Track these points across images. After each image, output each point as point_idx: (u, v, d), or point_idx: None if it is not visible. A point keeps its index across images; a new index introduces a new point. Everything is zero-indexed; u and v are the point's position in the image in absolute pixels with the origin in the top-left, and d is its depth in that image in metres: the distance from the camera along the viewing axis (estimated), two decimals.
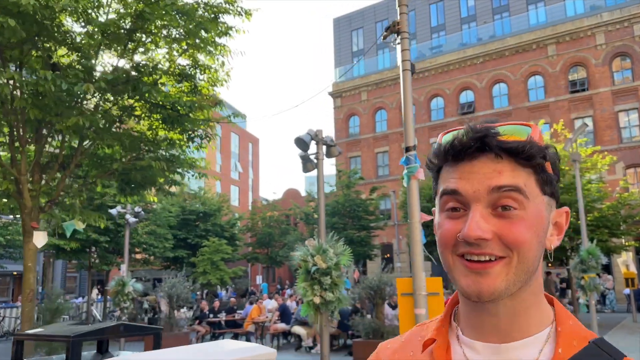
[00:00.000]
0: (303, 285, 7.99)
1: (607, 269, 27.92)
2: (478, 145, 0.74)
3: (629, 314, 19.34)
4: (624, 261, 17.75)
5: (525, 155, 0.74)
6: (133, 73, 9.08)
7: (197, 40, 8.81)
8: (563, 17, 34.24)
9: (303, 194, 29.98)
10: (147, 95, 8.59)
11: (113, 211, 14.85)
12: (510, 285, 0.73)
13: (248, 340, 15.81)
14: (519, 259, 0.73)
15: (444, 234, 0.77)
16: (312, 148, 8.74)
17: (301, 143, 8.19)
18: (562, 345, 0.75)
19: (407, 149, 5.09)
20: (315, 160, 8.56)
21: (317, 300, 7.88)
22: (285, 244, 28.57)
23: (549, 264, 24.32)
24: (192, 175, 11.99)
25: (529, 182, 0.75)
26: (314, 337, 13.30)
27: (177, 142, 10.31)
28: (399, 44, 6.83)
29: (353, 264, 28.99)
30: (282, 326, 14.93)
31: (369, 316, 12.18)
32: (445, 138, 0.81)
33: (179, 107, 9.15)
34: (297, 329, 13.80)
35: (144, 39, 9.00)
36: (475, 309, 0.78)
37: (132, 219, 14.69)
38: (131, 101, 9.37)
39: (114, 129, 9.60)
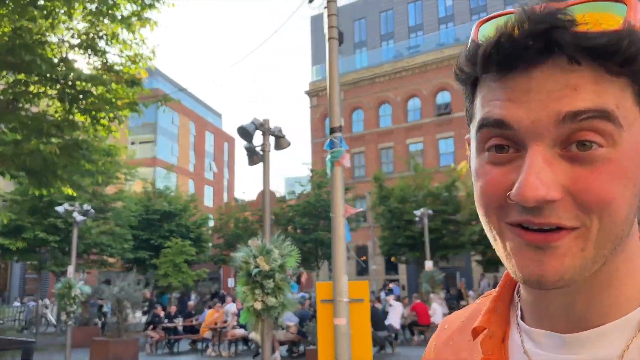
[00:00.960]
0: (243, 290, 7.19)
1: None
2: (541, 45, 0.45)
3: None
4: None
5: (622, 57, 0.44)
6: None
7: (104, 7, 7.67)
8: None
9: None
10: (31, 65, 7.34)
11: (60, 209, 13.86)
12: (589, 264, 0.47)
13: (206, 346, 14.95)
14: (602, 226, 0.46)
15: (485, 188, 0.50)
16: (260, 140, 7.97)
17: (244, 133, 7.39)
18: None
19: (332, 130, 4.33)
20: (261, 153, 7.77)
21: (258, 305, 7.08)
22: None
23: None
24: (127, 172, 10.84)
25: (623, 99, 0.46)
26: (273, 343, 12.52)
27: (81, 125, 9.18)
28: (325, 7, 6.06)
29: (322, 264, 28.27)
30: (240, 332, 14.11)
31: None
32: (484, 31, 0.50)
33: (77, 83, 8.14)
34: (255, 335, 12.96)
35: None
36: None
37: (79, 217, 13.70)
38: (21, 76, 8.31)
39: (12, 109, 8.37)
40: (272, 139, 8.04)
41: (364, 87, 39.47)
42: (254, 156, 7.75)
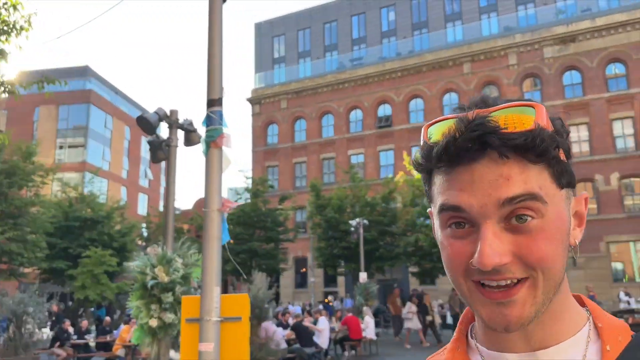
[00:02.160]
0: (136, 304, 6.25)
1: None
2: (477, 147, 0.61)
3: None
4: None
5: (537, 151, 0.61)
6: None
7: None
8: (479, 36, 35.00)
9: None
10: None
11: None
12: (540, 307, 0.63)
13: None
14: (544, 277, 0.62)
15: (452, 258, 0.65)
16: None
17: (145, 124, 6.50)
18: (608, 342, 0.67)
19: (210, 103, 3.58)
20: (167, 148, 6.90)
21: (153, 323, 6.19)
22: None
23: None
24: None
25: (543, 181, 0.63)
26: None
27: None
28: None
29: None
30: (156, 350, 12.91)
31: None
32: (432, 132, 0.67)
33: None
34: (172, 354, 11.87)
35: None
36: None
37: None
38: None
39: None
40: (181, 134, 7.21)
41: (307, 97, 39.05)
42: (158, 152, 6.87)
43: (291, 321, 14.28)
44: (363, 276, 17.79)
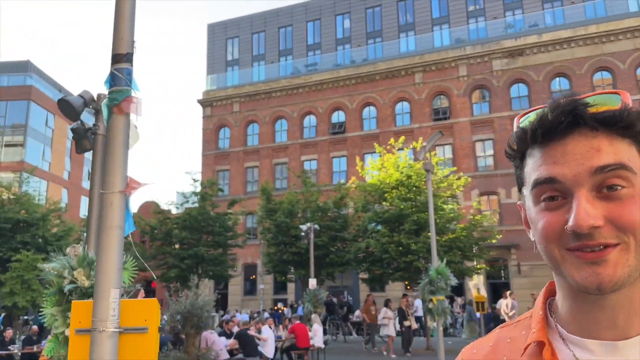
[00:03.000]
0: (51, 312, 5.52)
1: (459, 292, 28.58)
2: (570, 119, 0.68)
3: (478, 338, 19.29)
4: (475, 284, 17.53)
5: (624, 123, 0.68)
6: None
7: None
8: (430, 47, 35.59)
9: (174, 210, 26.76)
10: None
11: None
12: (633, 270, 0.67)
13: None
14: (637, 242, 0.66)
15: (545, 227, 0.70)
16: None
17: (68, 108, 5.82)
18: None
19: (116, 59, 3.04)
20: (93, 136, 6.23)
21: (69, 333, 5.46)
22: (124, 261, 25.07)
23: (407, 287, 24.08)
24: None
25: (631, 154, 0.69)
26: None
27: None
28: None
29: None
30: None
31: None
32: (525, 120, 0.75)
33: None
34: None
35: None
36: (587, 303, 0.71)
37: None
38: None
39: None
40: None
41: (261, 100, 38.48)
42: (82, 140, 6.19)
43: (236, 330, 13.64)
44: (312, 282, 17.38)
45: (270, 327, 14.99)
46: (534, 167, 0.72)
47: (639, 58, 29.02)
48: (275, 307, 32.44)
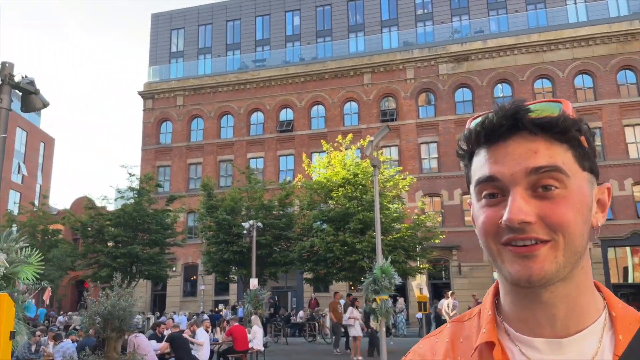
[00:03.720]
0: None
1: (402, 292, 28.69)
2: (510, 123, 0.73)
3: (420, 339, 19.26)
4: (418, 284, 17.43)
5: (560, 128, 0.73)
6: None
7: None
8: (379, 48, 35.70)
9: (108, 206, 25.07)
10: None
11: None
12: (561, 267, 0.71)
13: None
14: (565, 240, 0.71)
15: (485, 222, 0.75)
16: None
17: None
18: (621, 331, 0.74)
19: None
20: None
21: None
22: (50, 259, 23.39)
23: (352, 287, 23.86)
24: None
25: (566, 158, 0.73)
26: None
27: None
28: None
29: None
30: None
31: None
32: (474, 123, 0.79)
33: None
34: None
35: None
36: (526, 299, 0.75)
37: None
38: None
39: None
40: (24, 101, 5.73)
41: (206, 94, 37.28)
42: None
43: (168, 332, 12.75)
44: (254, 282, 16.69)
45: (207, 330, 14.22)
46: (478, 166, 0.76)
47: (577, 67, 30.27)
48: (217, 309, 31.41)
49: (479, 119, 0.77)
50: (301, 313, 23.75)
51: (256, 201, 21.39)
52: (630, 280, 28.19)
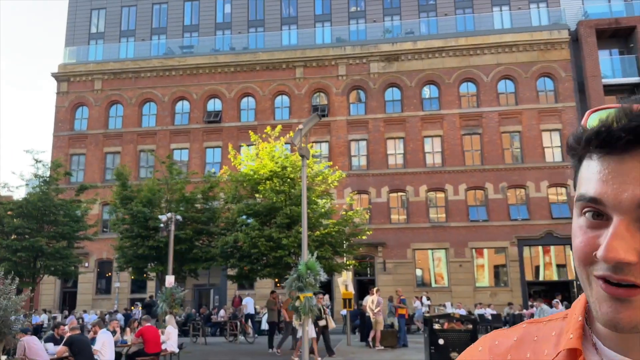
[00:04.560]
0: None
1: (328, 289, 28.43)
2: (631, 138, 0.59)
3: (344, 336, 18.99)
4: (343, 281, 17.08)
5: None
6: None
7: None
8: (312, 43, 35.24)
9: (17, 195, 22.42)
10: None
11: None
12: None
13: None
14: None
15: (580, 247, 0.65)
16: None
17: None
18: None
19: None
20: None
21: None
22: None
23: (278, 284, 23.16)
24: None
25: None
26: None
27: None
28: None
29: None
30: None
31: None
32: (592, 119, 0.66)
33: None
34: None
35: None
36: None
37: None
38: None
39: None
40: None
41: (127, 80, 35.01)
42: None
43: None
44: (170, 279, 15.53)
45: (115, 330, 12.99)
46: (586, 176, 0.65)
47: (500, 72, 31.44)
48: (132, 307, 29.56)
49: (602, 116, 0.62)
50: (222, 312, 22.72)
51: (177, 193, 20.06)
52: (541, 278, 29.70)
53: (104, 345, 9.84)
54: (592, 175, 0.63)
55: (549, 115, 30.46)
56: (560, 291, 27.34)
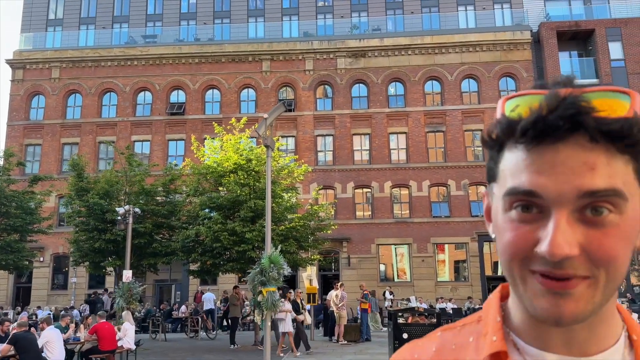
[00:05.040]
0: None
1: (292, 284, 28.29)
2: (569, 126, 0.57)
3: (307, 331, 18.87)
4: (308, 275, 16.98)
5: (631, 140, 0.58)
6: None
7: None
8: (279, 36, 34.89)
9: None
10: None
11: None
12: (597, 307, 0.60)
13: None
14: (608, 277, 0.59)
15: (513, 241, 0.61)
16: None
17: None
18: None
19: None
20: None
21: None
22: None
23: (242, 280, 22.85)
24: None
25: (627, 176, 0.59)
26: None
27: None
28: None
29: None
30: None
31: None
32: (512, 105, 0.62)
33: None
34: None
35: None
36: (545, 323, 0.64)
37: None
38: None
39: None
40: None
41: (87, 69, 33.80)
42: None
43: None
44: (127, 274, 15.03)
45: (67, 326, 12.49)
46: (512, 168, 0.61)
47: (464, 71, 31.90)
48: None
49: (521, 104, 0.59)
50: (183, 308, 22.25)
51: (136, 185, 19.44)
52: (499, 273, 30.38)
53: (51, 342, 9.37)
54: (522, 167, 0.59)
55: None
56: None
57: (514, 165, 0.60)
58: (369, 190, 31.11)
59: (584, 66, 31.14)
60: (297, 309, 14.83)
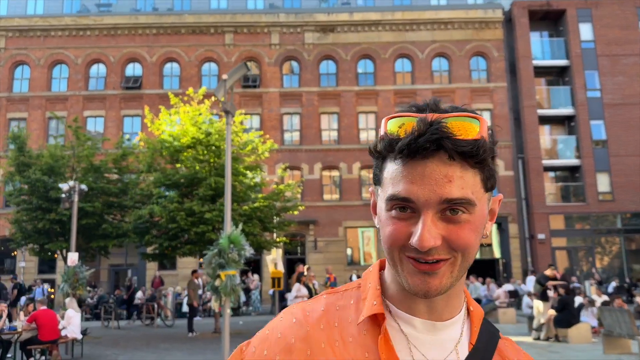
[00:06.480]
0: None
1: (257, 268, 27.15)
2: (434, 147, 0.75)
3: (272, 316, 17.87)
4: (273, 259, 15.87)
5: (478, 159, 0.77)
6: None
7: None
8: (243, 8, 33.16)
9: None
10: None
11: None
12: (455, 281, 0.80)
13: None
14: (463, 258, 0.79)
15: (393, 233, 0.79)
16: None
17: None
18: (475, 323, 0.88)
19: None
20: None
21: None
22: None
23: (201, 264, 21.55)
24: None
25: (475, 185, 0.79)
26: None
27: None
28: None
29: None
30: None
31: None
32: (390, 125, 0.80)
33: None
34: None
35: None
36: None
37: None
38: None
39: None
40: None
41: (35, 38, 31.27)
42: None
43: None
44: (73, 257, 13.57)
45: (0, 314, 11.04)
46: (392, 177, 0.79)
47: (435, 50, 31.06)
48: (34, 287, 26.70)
49: (394, 125, 0.78)
50: (139, 293, 20.83)
51: (84, 161, 17.76)
52: None
53: None
54: (400, 177, 0.77)
55: (480, 94, 30.56)
56: (487, 269, 27.78)
57: (391, 174, 0.79)
58: (337, 171, 30.12)
59: (555, 47, 30.80)
60: (310, 295, 13.35)
